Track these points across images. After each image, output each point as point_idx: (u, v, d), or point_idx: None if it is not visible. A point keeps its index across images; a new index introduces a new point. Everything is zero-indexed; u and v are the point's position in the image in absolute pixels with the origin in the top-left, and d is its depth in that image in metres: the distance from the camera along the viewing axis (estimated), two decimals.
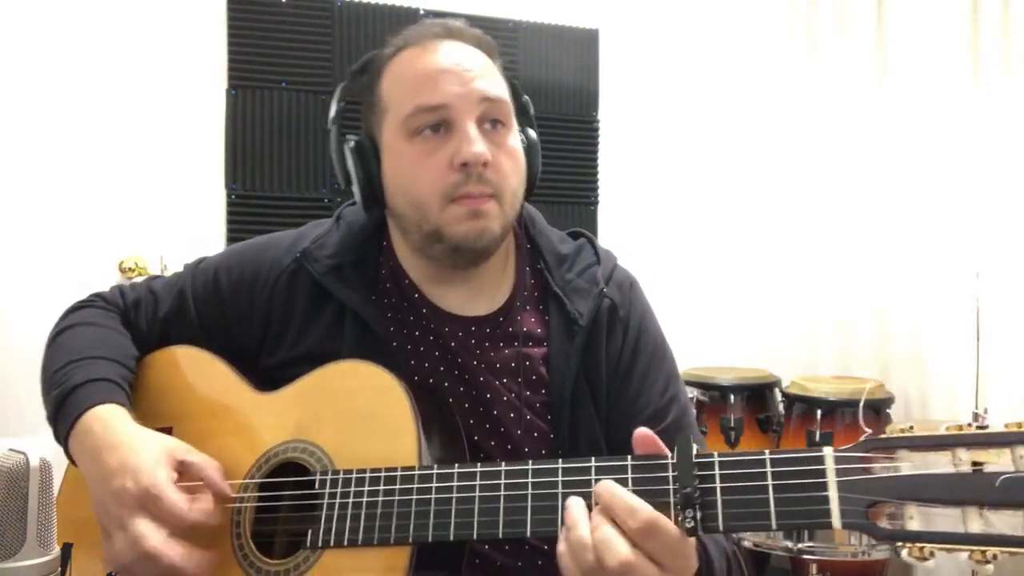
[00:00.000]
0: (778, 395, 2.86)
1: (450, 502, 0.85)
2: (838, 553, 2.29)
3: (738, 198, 3.26)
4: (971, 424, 0.69)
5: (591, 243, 1.14)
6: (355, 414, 0.95)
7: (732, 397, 2.74)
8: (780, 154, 3.21)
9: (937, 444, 0.70)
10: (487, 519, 0.83)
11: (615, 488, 0.77)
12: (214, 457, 0.96)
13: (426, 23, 1.05)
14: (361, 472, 0.90)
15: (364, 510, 0.88)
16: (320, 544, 0.89)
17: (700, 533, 0.75)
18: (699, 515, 0.75)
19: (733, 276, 3.24)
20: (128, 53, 2.59)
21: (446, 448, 0.95)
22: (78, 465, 0.97)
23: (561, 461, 0.83)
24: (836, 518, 0.71)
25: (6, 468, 0.74)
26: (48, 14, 2.51)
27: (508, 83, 1.06)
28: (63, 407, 0.98)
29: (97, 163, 2.56)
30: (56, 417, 1.00)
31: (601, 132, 3.15)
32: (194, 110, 2.66)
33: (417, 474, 0.87)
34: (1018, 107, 2.58)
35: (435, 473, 0.87)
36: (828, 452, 0.73)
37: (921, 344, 2.83)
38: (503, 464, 0.85)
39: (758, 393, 2.81)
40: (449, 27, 1.04)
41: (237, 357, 1.09)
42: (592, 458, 0.81)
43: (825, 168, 3.09)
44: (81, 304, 1.16)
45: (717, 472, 0.76)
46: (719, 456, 0.77)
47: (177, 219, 2.62)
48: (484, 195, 0.98)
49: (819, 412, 2.56)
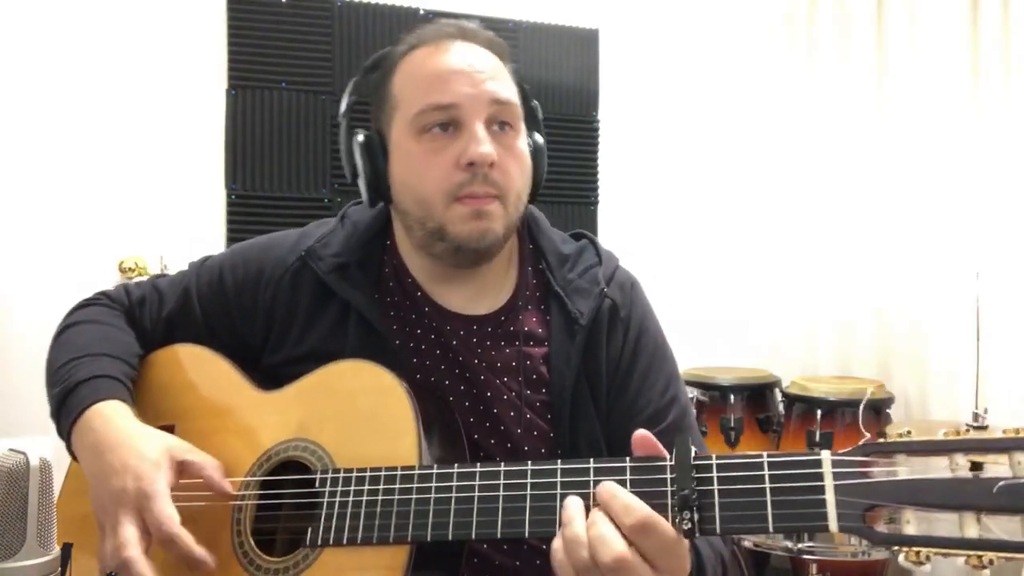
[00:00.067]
0: (778, 395, 2.86)
1: (449, 502, 0.85)
2: (838, 553, 2.29)
3: (738, 198, 3.26)
4: (968, 429, 0.69)
5: (593, 244, 1.14)
6: (356, 414, 0.95)
7: (732, 397, 2.74)
8: (780, 154, 3.21)
9: (935, 449, 0.70)
10: (485, 519, 0.83)
11: (614, 488, 0.77)
12: (215, 455, 0.96)
13: (440, 23, 1.06)
14: (361, 471, 0.90)
15: (364, 509, 0.88)
16: (320, 542, 0.89)
17: (697, 535, 0.75)
18: (696, 517, 0.75)
19: (733, 276, 3.24)
20: (128, 53, 2.59)
21: (446, 448, 0.95)
22: (79, 461, 0.97)
23: (560, 462, 0.83)
24: (833, 521, 0.71)
25: (6, 468, 0.74)
26: (48, 14, 2.51)
27: (518, 87, 1.06)
28: (66, 403, 0.99)
29: (97, 163, 2.56)
30: (59, 413, 1.00)
31: (601, 132, 3.15)
32: (194, 110, 2.66)
33: (417, 473, 0.87)
34: (1018, 107, 2.58)
35: (434, 473, 0.87)
36: (826, 456, 0.73)
37: (921, 344, 2.83)
38: (502, 464, 0.85)
39: (758, 393, 2.81)
40: (463, 28, 1.05)
41: (241, 355, 1.09)
42: (591, 459, 0.82)
43: (825, 168, 3.09)
44: (86, 302, 1.17)
45: (715, 474, 0.76)
46: (717, 458, 0.77)
47: (177, 219, 2.62)
48: (488, 196, 0.99)
49: (819, 412, 2.55)
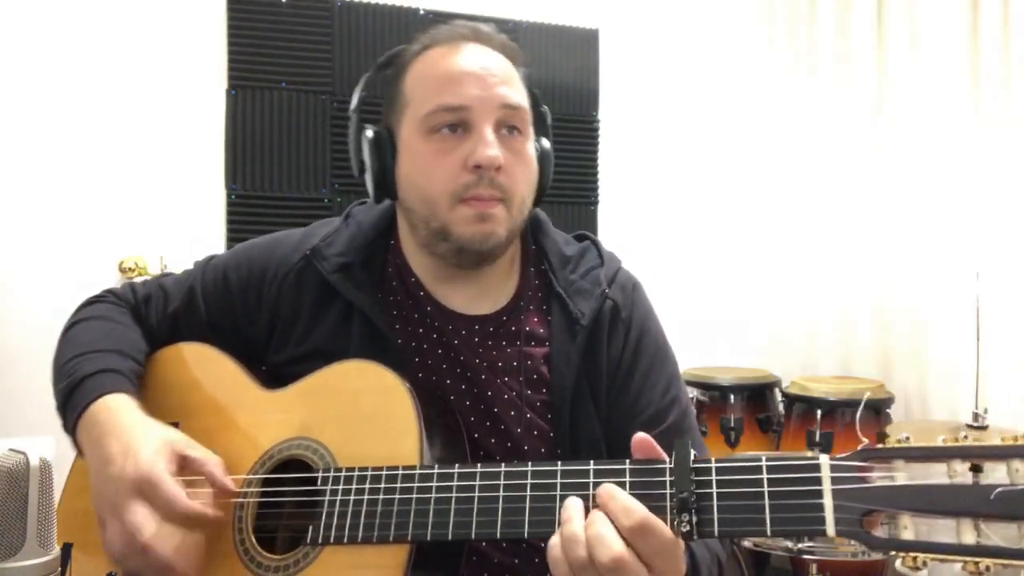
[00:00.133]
0: (778, 395, 2.86)
1: (449, 502, 0.85)
2: (838, 553, 2.29)
3: (738, 198, 3.27)
4: (967, 436, 0.69)
5: (596, 246, 1.15)
6: (359, 413, 0.95)
7: (732, 397, 2.74)
8: (780, 153, 3.21)
9: (933, 456, 0.70)
10: (485, 519, 0.84)
11: (614, 490, 0.78)
12: (218, 452, 0.97)
13: (455, 24, 1.07)
14: (363, 470, 0.90)
15: (365, 508, 0.88)
16: (320, 540, 0.90)
17: (695, 538, 0.76)
18: (695, 519, 0.75)
19: (733, 276, 3.24)
20: (128, 53, 2.59)
21: (447, 448, 0.95)
22: (84, 454, 0.98)
23: (560, 464, 0.83)
24: (830, 525, 0.71)
25: (6, 468, 0.74)
26: (48, 14, 2.51)
27: (529, 92, 1.07)
28: (72, 397, 1.00)
29: (97, 163, 2.56)
30: (65, 407, 1.01)
31: (601, 132, 3.15)
32: (194, 110, 2.67)
33: (418, 473, 0.88)
34: (1018, 107, 2.58)
35: (435, 473, 0.87)
36: (824, 460, 0.73)
37: (921, 344, 2.83)
38: (503, 465, 0.85)
39: (758, 393, 2.81)
40: (477, 31, 1.06)
41: (245, 354, 1.10)
42: (591, 461, 0.82)
43: (825, 168, 3.09)
44: (93, 299, 1.18)
45: (714, 477, 0.77)
46: (716, 462, 0.77)
47: (177, 219, 2.63)
48: (493, 199, 1.00)
49: (819, 412, 2.56)
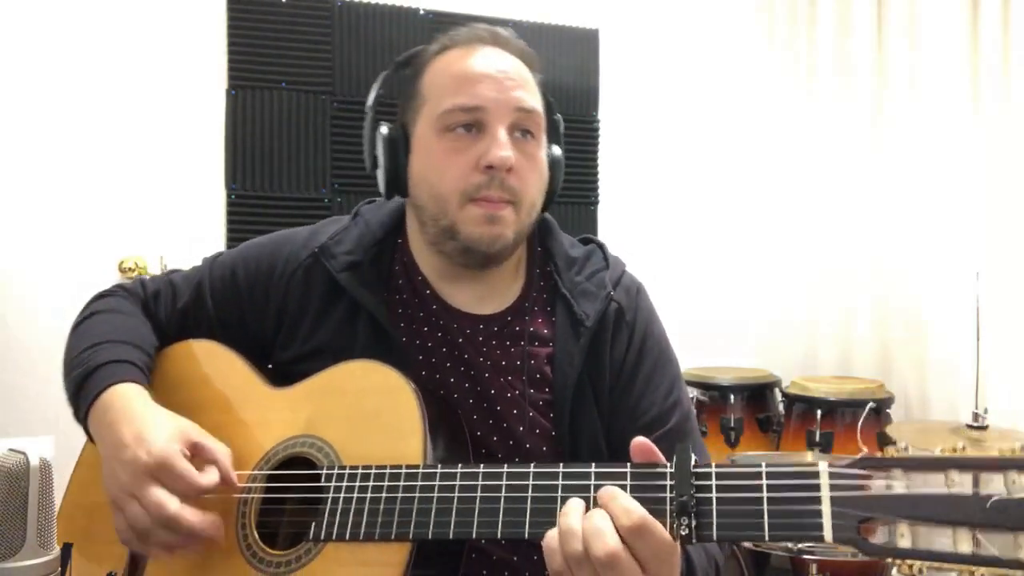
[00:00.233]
0: (778, 395, 2.86)
1: (451, 501, 0.86)
2: (838, 554, 2.28)
3: (738, 198, 3.27)
4: (964, 447, 0.70)
5: (601, 249, 1.17)
6: (364, 413, 0.96)
7: (732, 397, 2.74)
8: (780, 153, 3.21)
9: (931, 466, 0.70)
10: (487, 519, 0.84)
11: (616, 491, 0.78)
12: None
13: (475, 27, 1.09)
14: (367, 468, 0.91)
15: (368, 506, 0.89)
16: (323, 537, 0.90)
17: (694, 541, 0.77)
18: (694, 523, 0.76)
19: (733, 276, 3.24)
20: (128, 53, 2.59)
21: (450, 449, 0.96)
22: (96, 442, 0.99)
23: (562, 466, 0.84)
24: (828, 532, 0.71)
25: (6, 468, 0.74)
26: (48, 14, 2.51)
27: (544, 99, 1.09)
28: (85, 385, 1.01)
29: (97, 163, 2.56)
30: (77, 396, 1.02)
31: (601, 132, 3.15)
32: (194, 110, 2.66)
33: (420, 472, 0.89)
34: (1018, 107, 2.58)
35: (438, 472, 0.88)
36: (823, 468, 0.74)
37: (921, 344, 2.83)
38: (505, 466, 0.86)
39: (758, 393, 2.81)
40: (496, 34, 1.08)
41: (252, 350, 1.11)
42: (592, 464, 0.83)
43: (825, 168, 3.09)
44: (103, 293, 1.19)
45: (714, 482, 0.77)
46: (716, 467, 0.78)
47: (177, 219, 2.62)
48: (502, 200, 1.01)
49: (819, 412, 2.56)
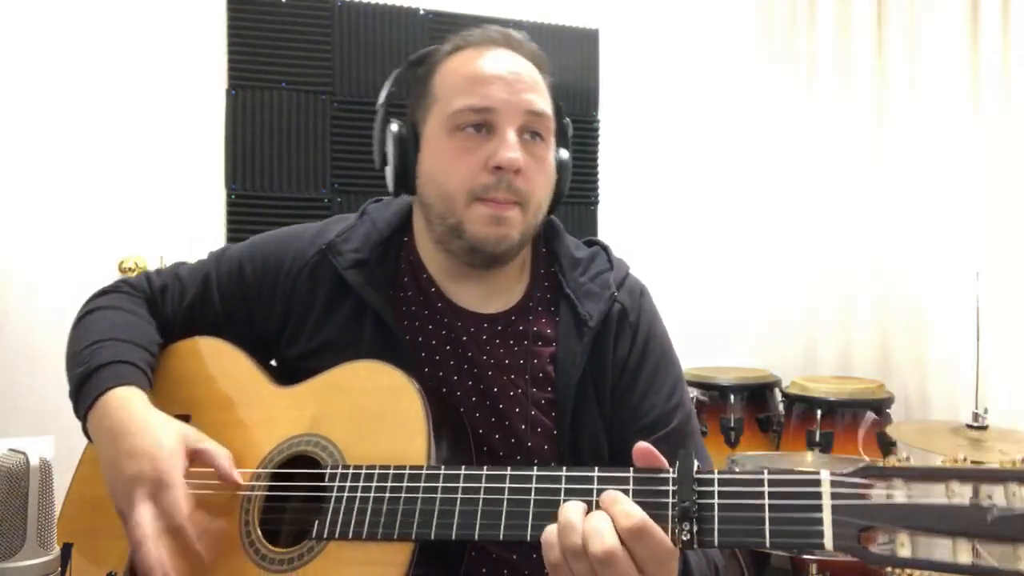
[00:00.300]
0: (778, 395, 2.86)
1: (454, 503, 0.86)
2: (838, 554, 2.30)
3: (738, 198, 3.27)
4: (965, 459, 0.70)
5: (605, 251, 1.17)
6: (369, 412, 0.96)
7: (732, 397, 2.74)
8: (780, 154, 3.21)
9: (932, 476, 0.71)
10: (489, 521, 0.85)
11: (618, 495, 0.79)
12: (229, 446, 0.98)
13: (488, 29, 1.10)
14: (371, 468, 0.92)
15: (371, 505, 0.89)
16: (326, 535, 0.91)
17: (695, 547, 0.77)
18: (696, 529, 0.76)
19: (733, 276, 3.25)
20: (128, 53, 2.59)
21: (453, 448, 0.96)
22: (94, 443, 0.99)
23: (565, 469, 0.84)
24: (828, 540, 0.72)
25: (6, 468, 0.74)
26: (48, 14, 2.51)
27: (554, 103, 1.09)
28: (85, 385, 1.01)
29: (97, 163, 2.56)
30: (77, 395, 1.02)
31: (601, 132, 3.15)
32: (194, 110, 2.66)
33: (424, 473, 0.89)
34: (1017, 107, 2.58)
35: (442, 474, 0.88)
36: (825, 476, 0.74)
37: (921, 344, 2.83)
38: (508, 469, 0.86)
39: (758, 393, 2.81)
40: (509, 37, 1.09)
41: (258, 346, 1.12)
42: (595, 468, 0.83)
43: (825, 168, 3.09)
44: (108, 289, 1.19)
45: (716, 489, 0.78)
46: (719, 473, 0.79)
47: (177, 219, 2.62)
48: (509, 201, 1.01)
49: (819, 412, 2.56)
